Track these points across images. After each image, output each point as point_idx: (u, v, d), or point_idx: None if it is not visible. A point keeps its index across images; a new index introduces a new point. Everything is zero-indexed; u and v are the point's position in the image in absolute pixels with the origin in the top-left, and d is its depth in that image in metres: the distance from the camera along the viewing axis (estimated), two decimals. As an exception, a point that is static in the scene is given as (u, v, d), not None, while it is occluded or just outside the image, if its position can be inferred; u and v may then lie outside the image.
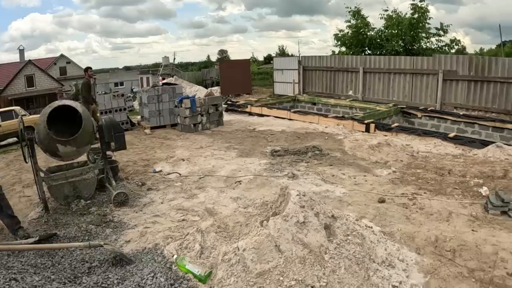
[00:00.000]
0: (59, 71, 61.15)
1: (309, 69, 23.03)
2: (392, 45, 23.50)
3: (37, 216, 7.01)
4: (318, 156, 9.27)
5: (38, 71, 54.25)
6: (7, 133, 18.65)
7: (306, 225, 4.20)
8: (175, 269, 4.48)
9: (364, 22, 25.04)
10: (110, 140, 7.50)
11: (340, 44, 26.70)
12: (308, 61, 23.34)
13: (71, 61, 64.35)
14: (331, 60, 21.93)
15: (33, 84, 53.09)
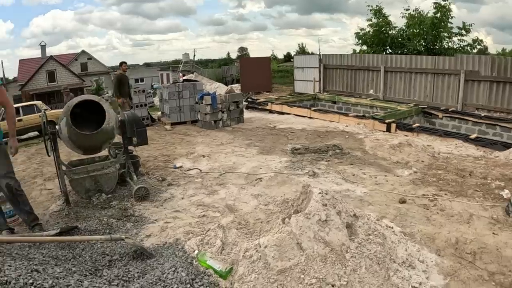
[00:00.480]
0: (80, 67, 61.70)
1: (330, 68, 22.94)
2: (413, 44, 23.27)
3: (58, 209, 7.09)
4: (338, 155, 9.24)
5: (59, 67, 54.86)
6: (28, 127, 18.87)
7: (328, 224, 4.19)
8: (196, 264, 4.49)
9: (385, 20, 24.83)
10: (132, 135, 7.55)
11: (361, 43, 26.53)
12: (329, 60, 23.25)
13: (92, 57, 64.83)
14: (352, 59, 21.82)
15: (55, 79, 53.69)
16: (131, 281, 4.34)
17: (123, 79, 14.17)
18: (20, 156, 11.74)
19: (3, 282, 3.49)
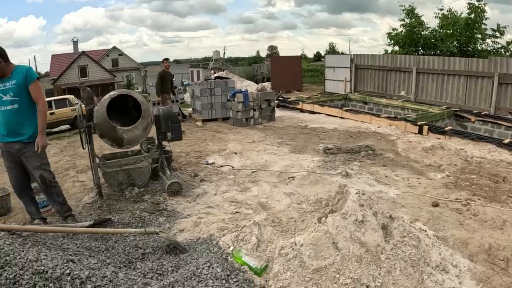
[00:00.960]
0: (111, 63, 62.43)
1: (361, 68, 22.87)
2: (446, 45, 23.00)
3: (91, 201, 7.22)
4: (371, 156, 9.22)
5: (91, 62, 55.68)
6: (60, 120, 19.23)
7: (364, 224, 4.20)
8: (231, 261, 4.50)
9: (418, 21, 24.57)
10: (167, 130, 7.63)
11: (393, 43, 26.32)
12: (360, 60, 23.18)
13: (123, 53, 65.52)
14: (384, 59, 21.71)
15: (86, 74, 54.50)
16: (165, 275, 4.38)
17: (165, 75, 14.20)
18: (52, 149, 11.95)
19: (40, 271, 3.55)
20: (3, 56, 5.53)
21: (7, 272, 3.46)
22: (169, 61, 14.94)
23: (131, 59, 66.02)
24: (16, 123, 5.58)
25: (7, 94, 5.49)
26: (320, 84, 32.88)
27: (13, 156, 5.73)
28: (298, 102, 17.80)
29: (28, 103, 5.59)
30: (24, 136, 5.62)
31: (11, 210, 7.22)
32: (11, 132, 5.60)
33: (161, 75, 14.20)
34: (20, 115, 5.57)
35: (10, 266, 3.53)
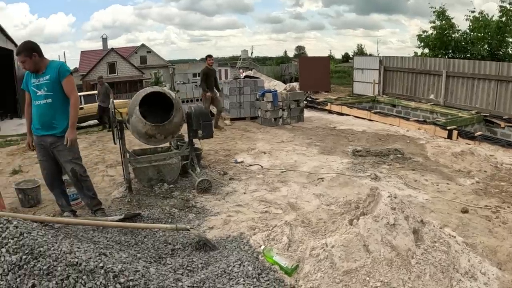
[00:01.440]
0: (139, 60, 63.09)
1: (390, 70, 22.68)
2: (477, 49, 22.66)
3: (120, 196, 7.36)
4: (400, 159, 9.19)
5: (120, 59, 56.44)
6: (89, 115, 19.50)
7: (396, 228, 4.21)
8: (262, 259, 4.53)
9: (449, 23, 24.23)
10: (198, 128, 7.71)
11: (423, 46, 26.05)
12: (389, 62, 22.99)
13: (151, 50, 66.17)
14: (413, 62, 21.48)
15: (115, 71, 55.32)
16: (195, 271, 4.43)
17: (209, 72, 13.89)
18: (81, 143, 12.13)
19: (74, 264, 3.60)
20: (38, 51, 5.66)
21: (41, 263, 3.53)
22: (212, 58, 14.47)
23: (159, 57, 66.59)
24: (49, 117, 5.71)
25: (41, 89, 5.63)
26: (347, 85, 32.74)
27: (45, 149, 5.86)
28: (326, 103, 17.81)
29: (61, 97, 5.72)
30: (57, 130, 5.74)
31: (41, 201, 7.39)
32: (45, 126, 5.73)
33: (204, 72, 13.91)
34: (54, 109, 5.70)
35: (44, 257, 3.59)
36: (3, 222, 3.94)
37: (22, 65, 5.62)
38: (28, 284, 3.39)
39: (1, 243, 3.66)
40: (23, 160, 11.34)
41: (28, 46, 5.62)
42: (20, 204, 7.28)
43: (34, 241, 3.76)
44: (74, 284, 3.47)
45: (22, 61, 5.57)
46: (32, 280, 3.41)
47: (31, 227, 4.16)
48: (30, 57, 5.59)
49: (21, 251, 3.61)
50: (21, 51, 5.62)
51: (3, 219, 4.00)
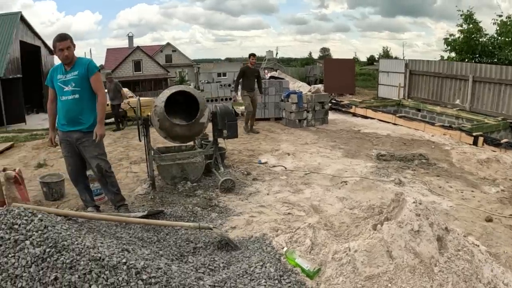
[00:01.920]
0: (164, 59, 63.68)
1: (416, 74, 22.51)
2: (504, 53, 22.32)
3: (144, 192, 7.43)
4: (424, 165, 9.10)
5: (145, 57, 57.18)
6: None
7: (420, 234, 4.17)
8: (284, 261, 4.52)
9: (476, 27, 23.94)
10: (223, 127, 7.76)
11: (449, 49, 25.79)
12: (415, 65, 22.82)
13: (176, 49, 66.82)
14: (439, 66, 21.28)
15: (140, 68, 56.05)
16: (216, 271, 4.43)
17: (247, 72, 13.20)
18: (106, 139, 12.20)
19: (97, 259, 3.63)
20: (74, 43, 5.77)
21: (64, 257, 3.56)
22: (255, 57, 13.84)
23: (184, 56, 67.10)
24: (76, 112, 5.78)
25: (68, 85, 5.70)
26: (372, 88, 32.62)
27: (71, 145, 5.93)
28: (351, 106, 17.73)
29: (88, 94, 5.80)
30: (84, 126, 5.81)
31: (64, 195, 7.52)
32: (71, 122, 5.81)
33: (242, 70, 13.40)
34: (80, 105, 5.76)
35: (67, 251, 3.63)
36: (28, 215, 3.99)
37: (63, 52, 5.65)
38: (50, 277, 3.42)
39: (25, 236, 3.71)
40: (48, 154, 11.50)
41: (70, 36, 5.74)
42: (44, 197, 7.41)
43: (58, 234, 3.81)
44: (97, 278, 3.50)
45: (67, 47, 5.64)
46: (55, 273, 3.45)
47: (55, 221, 4.22)
48: (73, 46, 5.73)
49: (45, 244, 3.66)
50: (69, 36, 5.73)
51: (28, 212, 4.06)
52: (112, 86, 16.31)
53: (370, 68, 58.68)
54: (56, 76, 5.81)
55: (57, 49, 5.69)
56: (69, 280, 3.42)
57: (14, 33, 30.29)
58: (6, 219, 3.86)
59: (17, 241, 3.65)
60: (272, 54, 62.28)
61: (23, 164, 10.47)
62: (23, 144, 13.34)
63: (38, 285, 3.38)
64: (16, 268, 3.46)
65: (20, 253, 3.55)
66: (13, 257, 3.53)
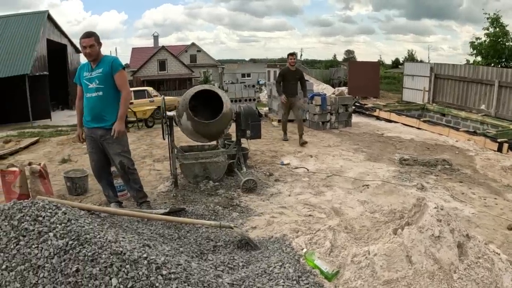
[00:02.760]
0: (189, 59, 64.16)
1: (441, 78, 22.32)
2: (531, 58, 22.18)
3: (166, 190, 7.54)
4: (447, 170, 9.01)
5: (170, 57, 57.81)
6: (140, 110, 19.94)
7: (440, 240, 4.15)
8: (303, 263, 4.55)
9: (503, 31, 23.66)
10: (247, 128, 7.77)
11: (475, 53, 25.51)
12: (440, 69, 22.63)
13: (201, 49, 67.34)
14: (464, 70, 21.08)
15: (165, 68, 56.73)
16: (235, 269, 4.47)
17: (287, 74, 11.91)
18: (130, 137, 12.32)
19: (118, 252, 3.70)
20: (99, 41, 5.90)
21: (86, 250, 3.64)
22: (294, 56, 12.34)
23: (209, 56, 67.48)
24: (100, 109, 5.89)
25: (93, 82, 5.82)
26: (396, 92, 32.42)
27: (95, 141, 6.05)
28: (374, 109, 17.65)
29: (113, 91, 5.90)
30: (108, 123, 5.92)
31: (88, 191, 7.68)
32: (95, 118, 5.93)
33: (281, 73, 12.20)
34: (104, 102, 5.88)
35: (89, 244, 3.71)
36: (52, 208, 4.08)
37: (88, 49, 5.76)
38: (72, 268, 3.50)
39: (49, 228, 3.80)
40: (72, 150, 11.68)
41: (96, 34, 5.87)
42: (67, 192, 7.56)
43: (81, 228, 3.90)
44: (117, 272, 3.56)
45: (91, 44, 5.75)
46: (77, 265, 3.53)
47: (79, 215, 4.32)
48: (98, 43, 5.86)
49: (68, 236, 3.74)
50: (93, 34, 5.84)
51: (52, 205, 4.15)
52: None
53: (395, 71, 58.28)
54: (83, 74, 5.95)
55: (81, 46, 5.82)
56: (90, 272, 3.50)
57: (41, 31, 30.93)
58: (31, 211, 3.96)
59: (41, 232, 3.75)
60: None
61: (47, 159, 10.65)
62: (48, 139, 13.54)
63: (59, 276, 3.47)
64: (39, 259, 3.55)
65: (43, 245, 3.64)
66: (36, 248, 3.63)
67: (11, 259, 3.57)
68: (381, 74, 39.41)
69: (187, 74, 58.26)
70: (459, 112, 17.63)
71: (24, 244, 3.66)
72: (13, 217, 3.91)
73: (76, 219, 4.04)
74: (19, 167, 7.19)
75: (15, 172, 7.01)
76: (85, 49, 5.76)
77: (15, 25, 31.13)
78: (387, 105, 19.14)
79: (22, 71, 27.17)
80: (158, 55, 57.93)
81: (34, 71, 28.12)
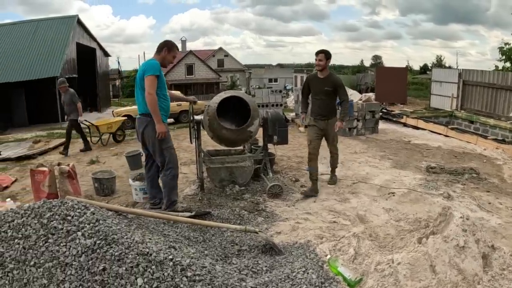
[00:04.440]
0: (216, 63, 64.57)
1: (470, 84, 22.03)
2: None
3: (192, 193, 7.63)
4: (475, 179, 8.89)
5: (197, 61, 58.42)
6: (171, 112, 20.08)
7: (465, 251, 4.14)
8: (326, 269, 4.56)
9: (532, 35, 23.36)
10: (273, 133, 7.81)
11: (504, 59, 25.14)
12: (469, 75, 22.32)
13: (228, 54, 67.67)
14: (493, 76, 20.78)
15: (192, 72, 57.36)
16: (259, 274, 4.52)
17: (313, 82, 8.07)
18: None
19: (145, 253, 3.80)
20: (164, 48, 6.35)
21: (113, 249, 3.76)
22: (325, 55, 7.87)
23: (236, 61, 67.80)
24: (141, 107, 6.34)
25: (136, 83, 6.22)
26: (424, 98, 32.10)
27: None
28: (402, 116, 17.52)
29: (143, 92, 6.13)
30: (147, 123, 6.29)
31: (115, 192, 7.89)
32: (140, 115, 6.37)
33: (305, 82, 8.46)
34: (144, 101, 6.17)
35: (116, 244, 3.82)
36: (81, 208, 4.21)
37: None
38: (99, 267, 3.62)
39: (77, 227, 3.92)
40: (100, 151, 11.84)
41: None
42: (95, 193, 7.77)
43: (108, 228, 4.01)
44: (143, 272, 3.66)
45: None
46: (103, 264, 3.65)
47: (106, 215, 4.43)
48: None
49: (96, 236, 3.86)
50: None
51: (81, 205, 4.28)
52: (67, 99, 12.78)
53: (423, 77, 57.78)
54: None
55: (173, 57, 6.40)
56: (116, 272, 3.61)
57: (71, 35, 31.77)
58: (60, 210, 4.09)
59: (69, 231, 3.87)
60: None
61: (76, 160, 10.85)
62: (77, 140, 13.71)
63: (86, 274, 3.59)
64: (67, 257, 3.68)
65: (72, 243, 3.77)
66: (65, 246, 3.76)
67: (40, 256, 3.71)
68: (408, 80, 39.11)
69: (214, 78, 58.72)
70: (487, 119, 17.36)
71: (53, 242, 3.79)
72: (42, 215, 4.05)
73: (104, 220, 4.16)
74: (48, 167, 7.38)
75: (45, 171, 7.21)
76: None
77: (46, 29, 32.04)
78: (415, 112, 18.99)
79: (52, 73, 27.84)
80: (186, 59, 58.46)
81: (63, 74, 28.65)
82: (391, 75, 28.07)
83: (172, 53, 6.27)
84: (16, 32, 31.80)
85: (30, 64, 28.60)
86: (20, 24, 33.23)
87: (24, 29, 32.14)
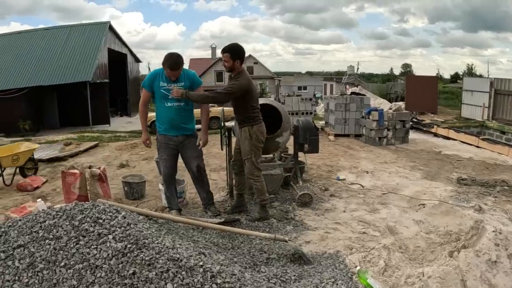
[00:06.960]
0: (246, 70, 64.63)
1: (502, 93, 21.61)
2: None
3: (221, 200, 7.72)
4: (507, 192, 8.71)
5: (227, 68, 58.44)
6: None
7: (497, 266, 4.09)
8: (356, 280, 4.54)
9: None
10: (304, 142, 7.81)
11: (538, 67, 24.75)
12: (501, 84, 21.91)
13: (258, 61, 67.63)
14: (526, 85, 20.51)
15: (222, 79, 57.72)
16: (287, 283, 4.48)
17: None
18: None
19: (175, 259, 3.83)
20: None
21: (144, 254, 3.80)
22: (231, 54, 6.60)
23: (265, 68, 67.86)
24: (180, 119, 6.38)
25: None
26: (455, 107, 31.75)
27: (171, 149, 6.48)
28: (432, 126, 17.35)
29: (191, 103, 6.42)
30: (188, 131, 6.48)
31: (144, 196, 7.98)
32: (175, 127, 6.39)
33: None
34: (184, 112, 6.39)
35: (147, 248, 3.87)
36: (112, 211, 4.30)
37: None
38: (129, 271, 3.66)
39: (109, 230, 4.00)
40: (131, 155, 12.01)
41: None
42: (124, 196, 7.89)
43: (139, 232, 4.07)
44: (173, 278, 3.69)
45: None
46: (134, 268, 3.68)
47: (137, 219, 4.50)
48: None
49: (127, 240, 3.92)
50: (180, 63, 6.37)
51: (112, 208, 4.37)
52: None
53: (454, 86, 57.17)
54: (159, 83, 6.30)
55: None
56: (146, 276, 3.65)
57: (102, 41, 32.47)
58: (91, 213, 4.18)
59: (101, 234, 3.94)
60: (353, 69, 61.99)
61: (106, 163, 11.02)
62: (107, 144, 13.97)
63: (116, 277, 3.63)
64: (97, 259, 3.73)
65: (102, 246, 3.83)
66: (95, 248, 3.82)
67: (70, 257, 3.77)
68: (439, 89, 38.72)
69: (244, 85, 58.89)
70: (520, 130, 17.13)
71: (84, 244, 3.86)
72: (74, 217, 4.13)
73: (135, 224, 4.22)
74: (79, 169, 7.51)
75: (76, 174, 7.36)
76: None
77: (79, 35, 32.81)
78: (445, 122, 18.83)
79: (84, 78, 28.55)
80: (216, 66, 58.88)
81: (95, 78, 29.33)
82: (421, 84, 27.76)
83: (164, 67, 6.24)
84: (49, 37, 32.65)
85: (62, 68, 29.39)
86: (53, 30, 34.14)
87: (57, 34, 33.01)
